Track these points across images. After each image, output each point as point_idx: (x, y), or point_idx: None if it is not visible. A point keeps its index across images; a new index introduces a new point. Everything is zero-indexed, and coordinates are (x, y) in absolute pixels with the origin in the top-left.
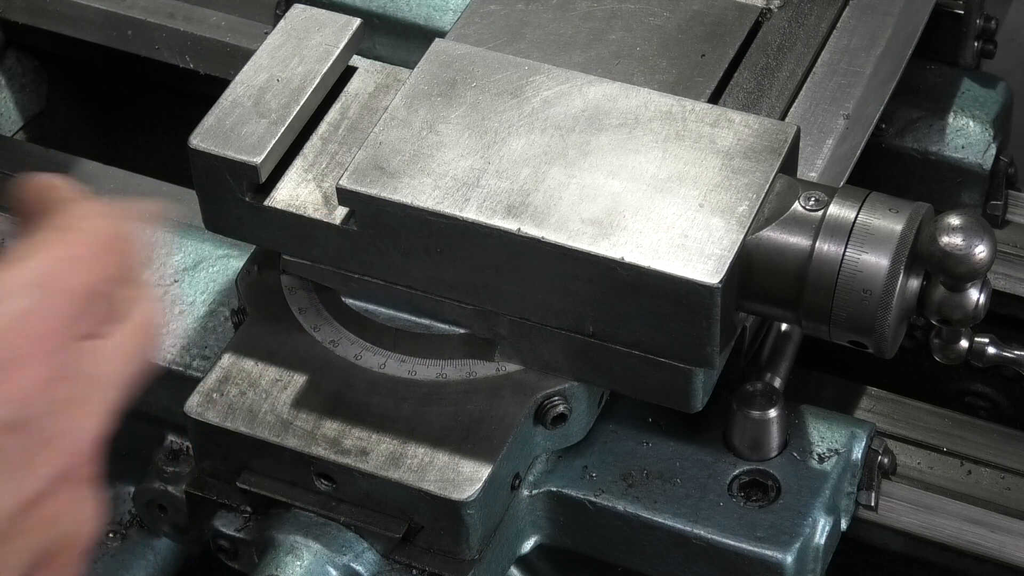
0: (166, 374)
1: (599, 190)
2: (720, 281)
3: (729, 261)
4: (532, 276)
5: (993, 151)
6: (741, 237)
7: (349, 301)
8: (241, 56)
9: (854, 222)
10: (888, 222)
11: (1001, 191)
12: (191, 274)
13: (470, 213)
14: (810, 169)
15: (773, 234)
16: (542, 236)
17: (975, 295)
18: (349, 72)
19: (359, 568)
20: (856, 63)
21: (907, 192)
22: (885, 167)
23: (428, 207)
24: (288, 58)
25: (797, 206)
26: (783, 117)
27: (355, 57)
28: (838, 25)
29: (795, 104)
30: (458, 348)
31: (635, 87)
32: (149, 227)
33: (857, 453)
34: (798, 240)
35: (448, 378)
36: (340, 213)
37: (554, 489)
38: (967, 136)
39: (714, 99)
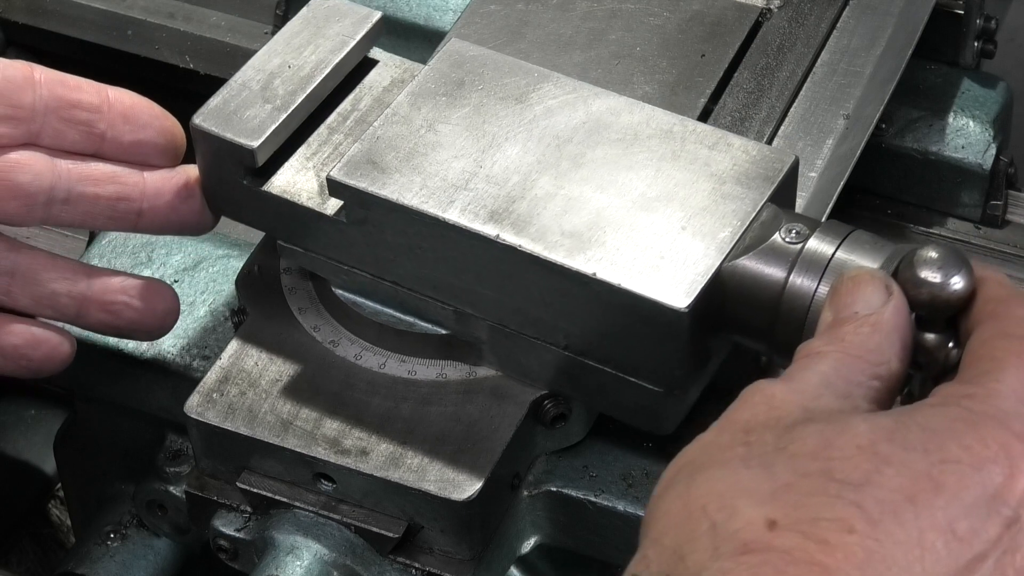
0: (166, 374)
1: (585, 203)
2: (688, 306)
3: (701, 287)
4: (509, 283)
5: (993, 151)
6: (717, 263)
7: (337, 292)
8: (241, 56)
9: (830, 258)
10: (866, 260)
11: (1001, 191)
12: (191, 274)
13: (452, 215)
14: (810, 169)
15: (749, 263)
16: (519, 244)
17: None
18: (368, 64)
19: (359, 568)
20: (856, 63)
21: (907, 192)
22: (885, 167)
23: (412, 205)
24: (303, 45)
25: (777, 237)
26: (783, 117)
27: (377, 50)
28: (838, 25)
29: (795, 104)
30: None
31: (641, 103)
32: None
33: None
34: (773, 271)
35: (448, 378)
36: (333, 204)
37: (554, 489)
38: (967, 136)
39: (714, 99)
